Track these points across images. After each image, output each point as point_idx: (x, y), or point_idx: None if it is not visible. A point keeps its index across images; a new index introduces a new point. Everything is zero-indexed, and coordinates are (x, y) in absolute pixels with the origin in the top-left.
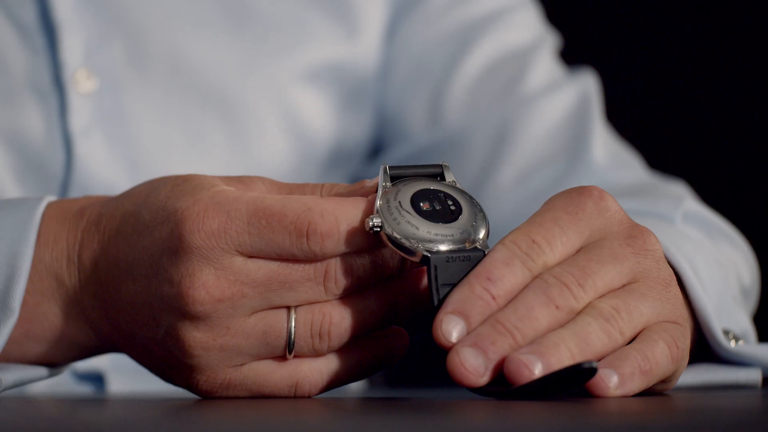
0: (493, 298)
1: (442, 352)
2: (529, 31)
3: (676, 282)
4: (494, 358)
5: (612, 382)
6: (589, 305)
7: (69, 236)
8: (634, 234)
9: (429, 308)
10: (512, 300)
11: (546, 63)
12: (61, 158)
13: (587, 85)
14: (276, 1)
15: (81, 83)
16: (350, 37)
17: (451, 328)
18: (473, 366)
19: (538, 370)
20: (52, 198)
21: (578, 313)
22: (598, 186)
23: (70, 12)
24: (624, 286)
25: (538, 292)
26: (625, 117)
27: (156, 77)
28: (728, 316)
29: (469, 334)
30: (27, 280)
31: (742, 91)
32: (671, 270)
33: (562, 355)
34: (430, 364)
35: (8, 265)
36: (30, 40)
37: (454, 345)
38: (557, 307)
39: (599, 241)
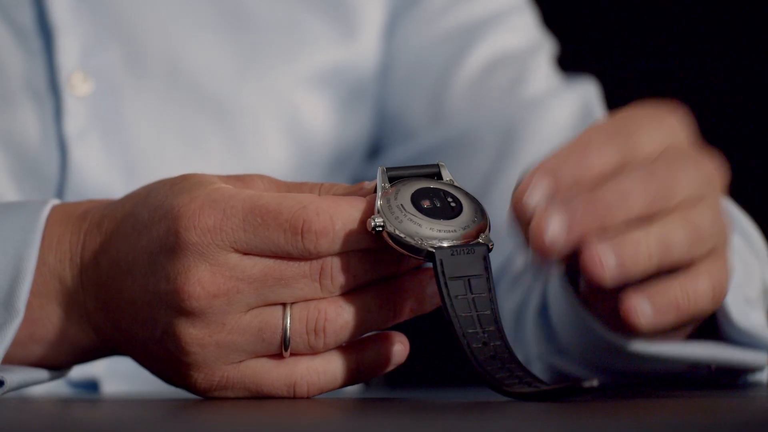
0: (587, 170)
1: (443, 353)
2: (526, 35)
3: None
4: (577, 230)
5: (643, 313)
6: (678, 208)
7: (72, 238)
8: (707, 156)
9: (425, 306)
10: (607, 180)
11: (545, 68)
12: (56, 161)
13: (590, 91)
14: (273, 4)
15: (77, 86)
16: (349, 38)
17: (538, 188)
18: (555, 232)
19: (609, 271)
20: (56, 201)
21: (667, 215)
22: None
23: (67, 14)
24: (703, 198)
25: (636, 181)
26: None
27: (153, 81)
28: (744, 315)
29: (558, 201)
30: (32, 281)
31: (743, 94)
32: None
33: (640, 257)
34: (430, 365)
35: (14, 267)
36: (26, 42)
37: (536, 207)
38: (650, 202)
39: (683, 148)
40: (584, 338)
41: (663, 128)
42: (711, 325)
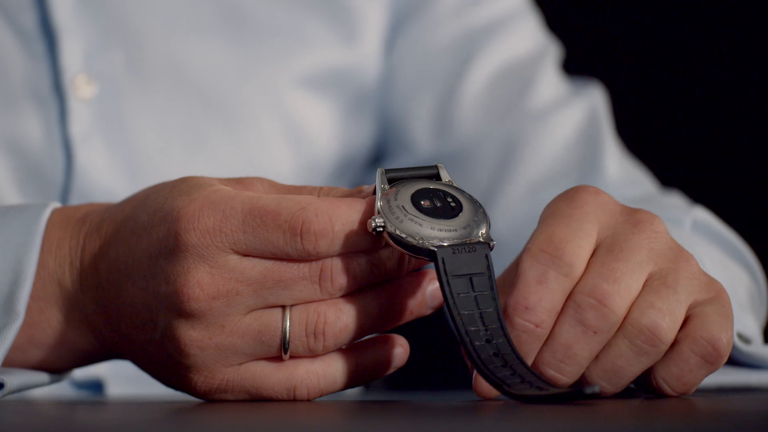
0: (537, 326)
1: (444, 356)
2: (532, 40)
3: (691, 254)
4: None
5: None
6: (628, 322)
7: (71, 242)
8: (640, 219)
9: (425, 309)
10: (549, 338)
11: (551, 76)
12: (61, 164)
13: (596, 100)
14: (273, 7)
15: (81, 89)
16: (349, 42)
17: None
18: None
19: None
20: (56, 205)
21: (617, 332)
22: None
23: (70, 18)
24: (649, 276)
25: (574, 323)
26: (625, 127)
27: (155, 83)
28: (737, 320)
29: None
30: (32, 284)
31: (747, 98)
32: (679, 245)
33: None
34: (430, 368)
35: (13, 270)
36: (30, 45)
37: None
38: (595, 333)
39: (612, 236)
40: None
41: (589, 217)
42: None
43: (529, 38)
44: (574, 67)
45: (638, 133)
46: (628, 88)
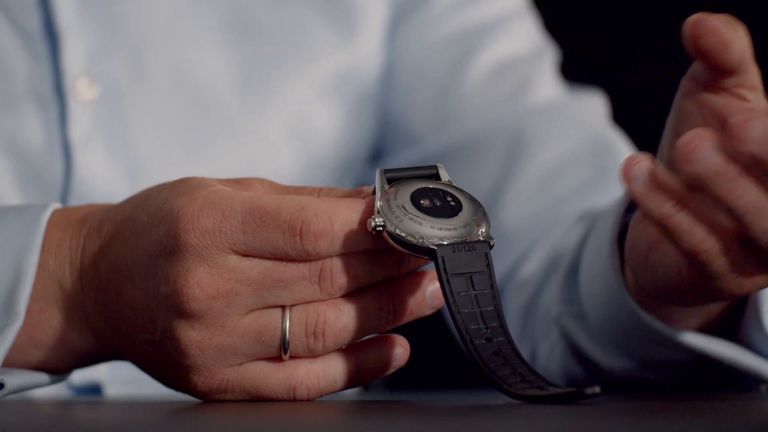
0: None
1: (444, 356)
2: (529, 40)
3: None
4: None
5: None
6: None
7: (72, 243)
8: None
9: (424, 309)
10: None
11: (550, 76)
12: (61, 167)
13: (596, 104)
14: (276, 10)
15: (82, 91)
16: (352, 42)
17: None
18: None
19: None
20: (57, 205)
21: None
22: None
23: (73, 20)
24: None
25: None
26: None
27: (157, 87)
28: None
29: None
30: (32, 285)
31: None
32: None
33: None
34: (430, 368)
35: (14, 271)
36: (32, 46)
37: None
38: None
39: None
40: (610, 310)
41: None
42: (734, 324)
43: (526, 38)
44: (571, 70)
45: (636, 141)
46: (626, 92)
